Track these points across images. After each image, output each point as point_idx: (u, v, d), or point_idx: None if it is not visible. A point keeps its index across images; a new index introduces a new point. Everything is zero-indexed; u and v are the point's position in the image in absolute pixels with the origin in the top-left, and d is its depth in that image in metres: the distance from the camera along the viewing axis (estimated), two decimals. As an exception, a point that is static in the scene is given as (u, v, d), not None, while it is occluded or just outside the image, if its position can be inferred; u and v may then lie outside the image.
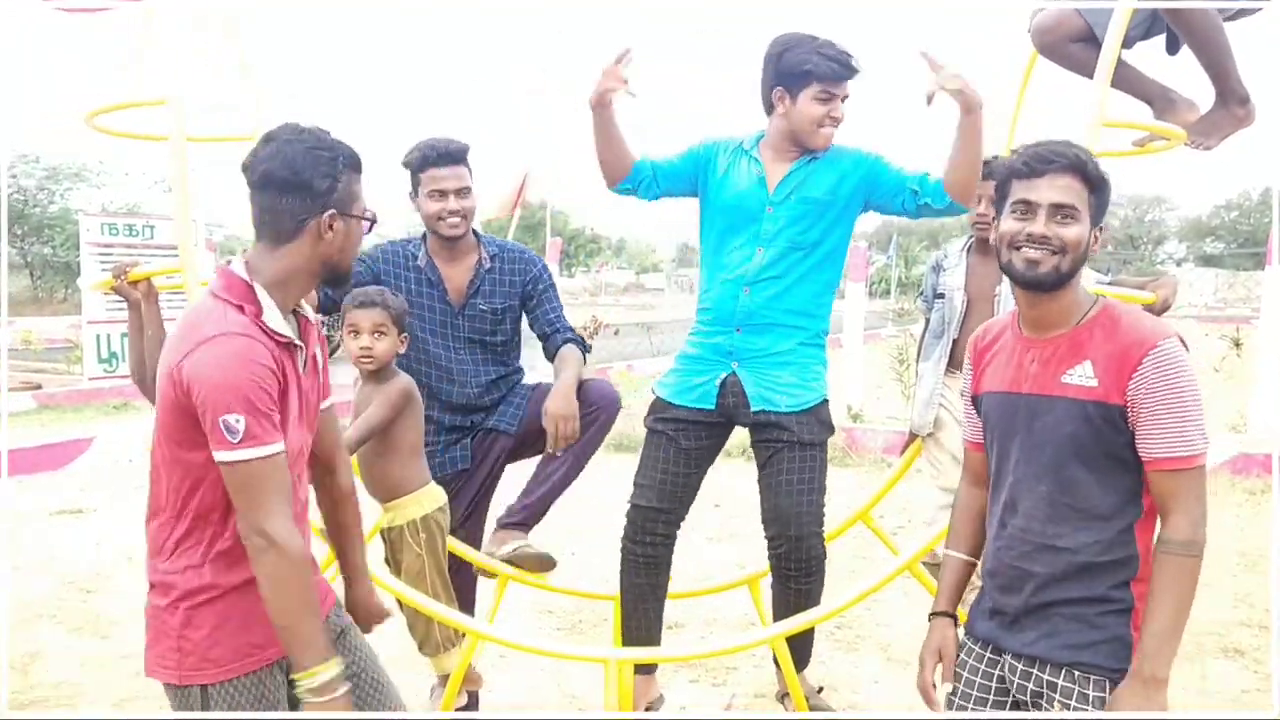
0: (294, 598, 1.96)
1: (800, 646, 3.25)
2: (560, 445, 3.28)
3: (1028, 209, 2.08)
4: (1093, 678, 2.04)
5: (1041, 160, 2.06)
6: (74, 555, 5.89)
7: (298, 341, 2.10)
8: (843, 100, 3.17)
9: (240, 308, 2.01)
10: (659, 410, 3.38)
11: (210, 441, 1.93)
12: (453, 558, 3.32)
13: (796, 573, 3.16)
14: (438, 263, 3.42)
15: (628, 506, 3.39)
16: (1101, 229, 2.12)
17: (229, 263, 2.14)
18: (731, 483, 6.99)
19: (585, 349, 3.55)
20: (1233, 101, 3.11)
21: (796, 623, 3.10)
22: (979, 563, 2.33)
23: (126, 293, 2.90)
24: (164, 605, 2.05)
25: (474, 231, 3.50)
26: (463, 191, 3.34)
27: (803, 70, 3.11)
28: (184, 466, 2.01)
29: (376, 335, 3.04)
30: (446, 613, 3.04)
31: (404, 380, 3.12)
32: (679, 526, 3.36)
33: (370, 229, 2.21)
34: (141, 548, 2.13)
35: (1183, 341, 2.03)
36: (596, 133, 3.22)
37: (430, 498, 3.17)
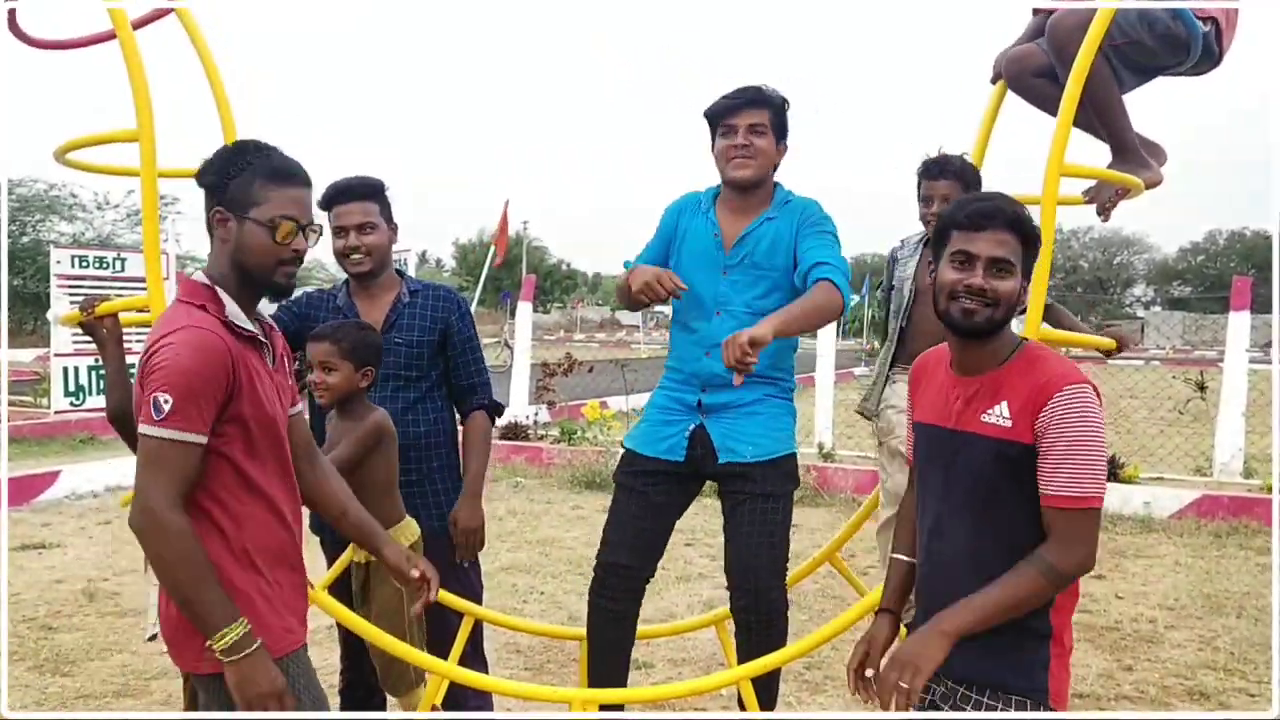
0: (183, 570, 1.99)
1: (766, 688, 3.24)
2: (468, 557, 3.41)
3: (966, 260, 2.15)
4: (1014, 699, 2.11)
5: (983, 216, 2.14)
6: (36, 593, 5.78)
7: (263, 338, 2.20)
8: (751, 130, 3.22)
9: (203, 306, 2.12)
10: (628, 463, 3.38)
11: (139, 415, 2.02)
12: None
13: (757, 624, 3.15)
14: (356, 301, 3.41)
15: (595, 560, 3.37)
16: (1029, 279, 2.23)
17: (190, 273, 2.25)
18: (702, 522, 7.00)
19: (498, 412, 3.55)
20: (1131, 160, 3.15)
21: (763, 663, 3.10)
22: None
23: (94, 330, 2.87)
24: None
25: (397, 270, 3.50)
26: (365, 227, 3.31)
27: (709, 118, 3.30)
28: None
29: (325, 369, 3.04)
30: (409, 651, 3.01)
31: (376, 416, 3.09)
32: (648, 582, 3.35)
33: (288, 239, 2.15)
34: (103, 584, 2.12)
35: (1096, 391, 2.10)
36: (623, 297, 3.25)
37: (407, 533, 3.14)
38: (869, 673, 2.31)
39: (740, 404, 3.22)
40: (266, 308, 2.48)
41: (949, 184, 3.88)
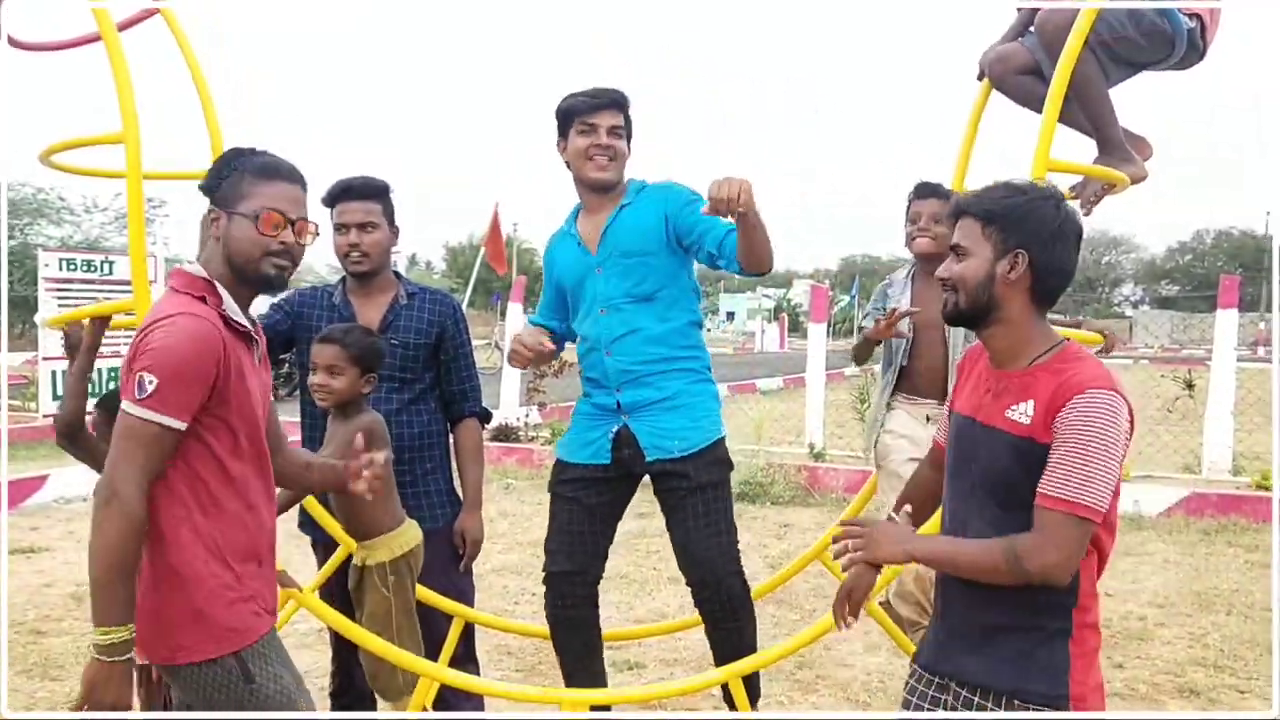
0: (115, 554, 2.01)
1: (748, 684, 3.24)
2: (469, 565, 3.47)
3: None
4: (1031, 706, 2.07)
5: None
6: (24, 597, 5.76)
7: (255, 335, 2.27)
8: (611, 132, 3.26)
9: (203, 299, 2.17)
10: (559, 472, 3.40)
11: (122, 391, 2.06)
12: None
13: (723, 615, 3.16)
14: (353, 300, 3.40)
15: (542, 574, 3.38)
16: (1019, 257, 2.10)
17: (181, 266, 2.29)
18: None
19: (486, 419, 3.57)
20: (1116, 155, 3.16)
21: (753, 661, 3.10)
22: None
23: (69, 333, 2.84)
24: (141, 587, 2.13)
25: (395, 272, 3.50)
26: (366, 226, 3.31)
27: (563, 113, 3.32)
28: None
29: (332, 373, 3.01)
30: (398, 655, 2.99)
31: (366, 419, 3.04)
32: (598, 584, 3.36)
33: (273, 231, 2.21)
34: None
35: (1126, 402, 2.04)
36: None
37: (403, 539, 3.10)
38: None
39: (660, 399, 3.23)
40: (260, 305, 2.52)
41: (938, 203, 3.95)
